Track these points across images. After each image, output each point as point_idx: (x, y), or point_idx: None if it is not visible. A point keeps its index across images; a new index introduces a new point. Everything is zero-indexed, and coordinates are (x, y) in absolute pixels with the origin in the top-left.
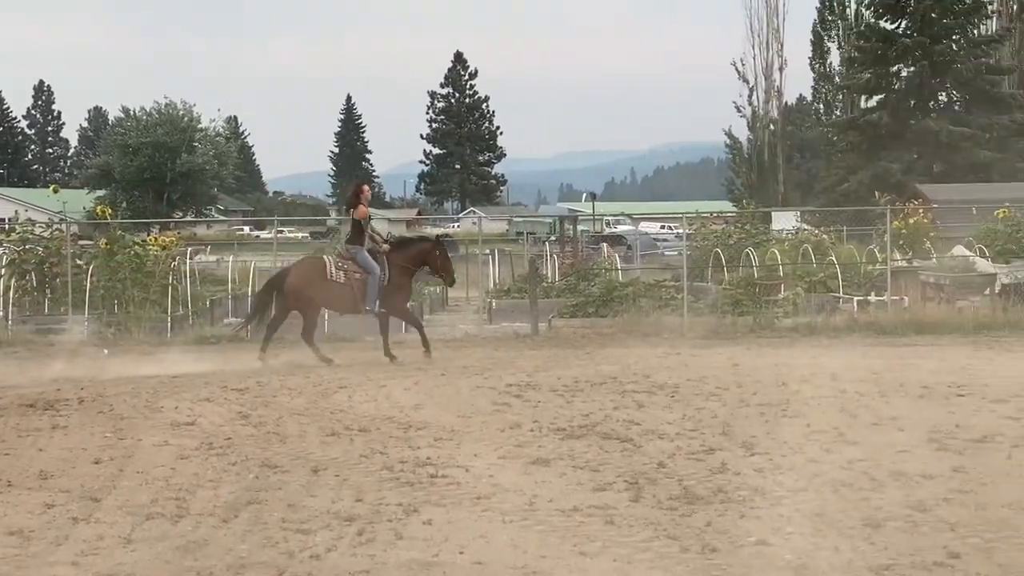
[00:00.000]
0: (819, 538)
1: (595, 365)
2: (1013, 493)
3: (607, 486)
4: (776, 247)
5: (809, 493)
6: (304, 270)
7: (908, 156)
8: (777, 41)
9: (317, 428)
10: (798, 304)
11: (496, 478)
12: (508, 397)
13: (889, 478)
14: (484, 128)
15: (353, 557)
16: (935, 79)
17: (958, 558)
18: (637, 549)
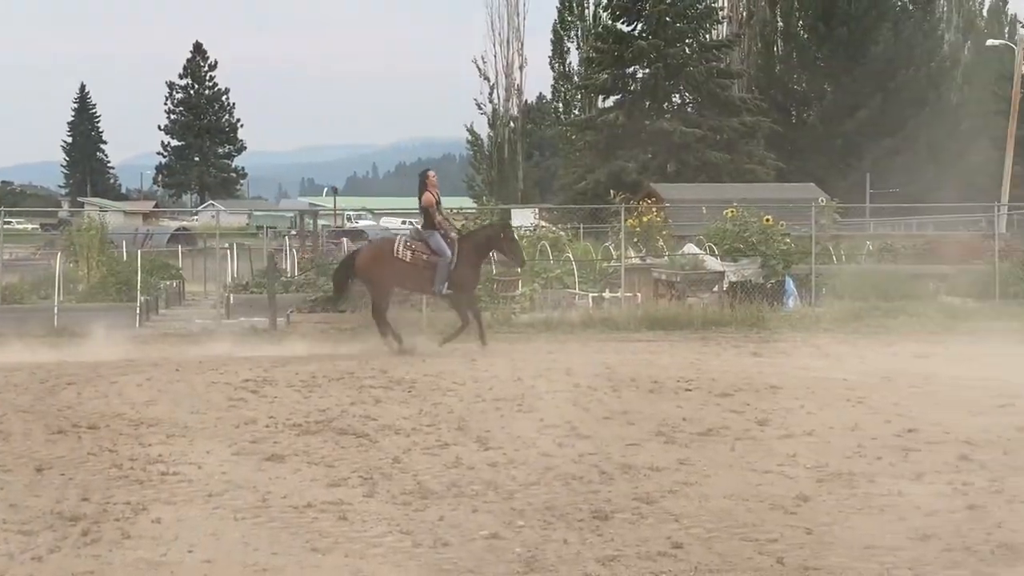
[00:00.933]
0: (549, 531)
1: (333, 360)
2: (734, 484)
3: (342, 482)
4: None
5: (541, 487)
6: (372, 249)
7: (643, 156)
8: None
9: (43, 426)
10: (535, 300)
11: (229, 475)
12: (244, 392)
13: (618, 471)
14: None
15: (77, 558)
16: (669, 81)
17: (681, 548)
18: (370, 544)
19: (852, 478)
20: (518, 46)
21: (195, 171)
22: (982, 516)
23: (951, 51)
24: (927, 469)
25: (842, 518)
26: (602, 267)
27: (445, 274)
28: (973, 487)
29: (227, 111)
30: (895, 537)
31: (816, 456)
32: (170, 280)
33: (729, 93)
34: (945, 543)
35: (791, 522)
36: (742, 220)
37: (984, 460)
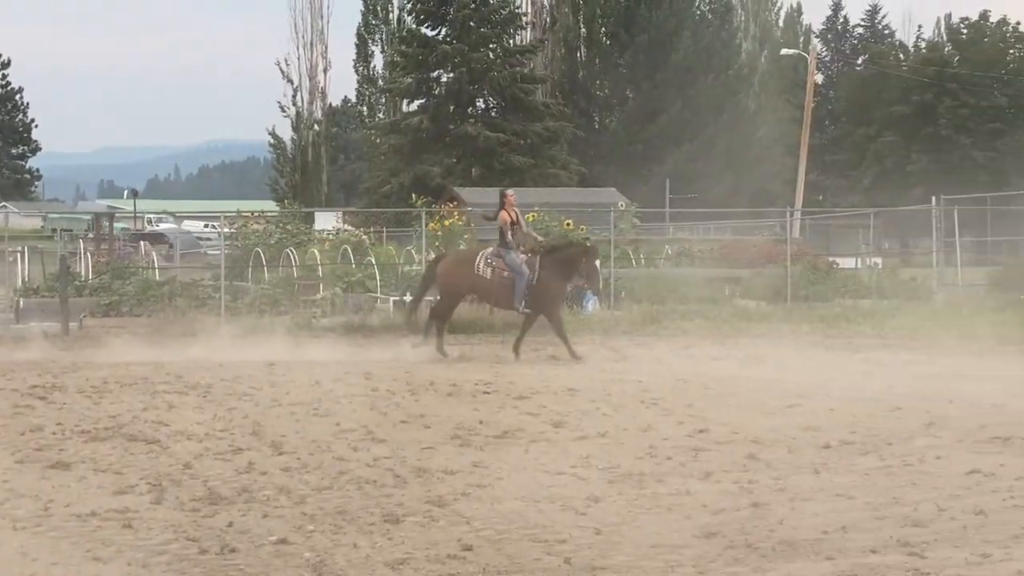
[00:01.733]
0: (340, 535)
1: (126, 365)
2: (527, 486)
3: (129, 489)
4: (317, 247)
5: (333, 491)
6: (454, 259)
7: (448, 160)
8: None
9: None
10: (336, 304)
11: (11, 483)
12: (31, 399)
13: (412, 474)
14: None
15: None
16: (473, 86)
17: (471, 550)
18: (154, 552)
19: (642, 478)
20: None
21: None
22: (765, 514)
23: (748, 59)
24: (715, 468)
25: (630, 517)
26: (404, 271)
27: (523, 292)
28: (758, 485)
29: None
30: (681, 535)
31: (609, 457)
32: None
33: (533, 98)
34: (729, 540)
35: (581, 523)
36: (543, 224)
37: (770, 459)
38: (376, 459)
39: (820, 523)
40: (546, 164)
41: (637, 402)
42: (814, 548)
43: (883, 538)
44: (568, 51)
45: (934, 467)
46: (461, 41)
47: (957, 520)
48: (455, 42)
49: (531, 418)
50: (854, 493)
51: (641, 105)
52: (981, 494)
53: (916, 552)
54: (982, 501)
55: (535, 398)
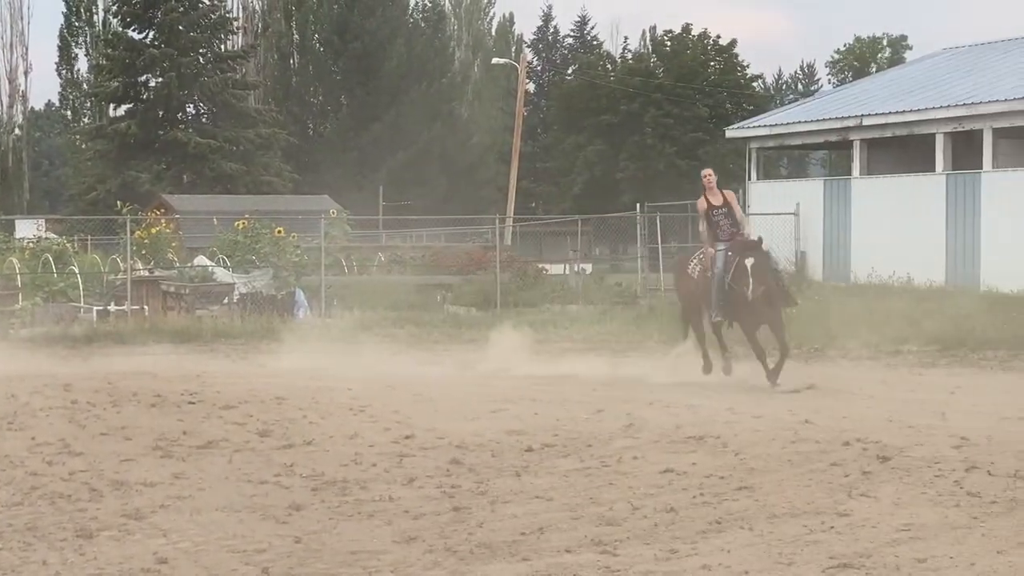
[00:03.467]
0: (29, 552)
1: None
2: (228, 496)
3: None
4: (17, 256)
5: (24, 507)
6: (682, 258)
7: (157, 166)
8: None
9: None
10: (36, 314)
11: None
12: None
13: (109, 487)
14: None
15: None
16: (183, 91)
17: (166, 563)
18: None
19: (346, 485)
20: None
21: None
22: (465, 517)
23: (462, 68)
24: (419, 474)
25: (332, 525)
26: (109, 280)
27: (715, 296)
28: (460, 489)
29: None
30: (381, 541)
31: (313, 465)
32: None
33: (245, 104)
34: (428, 544)
35: (281, 531)
36: (254, 232)
37: (473, 463)
38: (72, 473)
39: (519, 525)
40: (259, 171)
41: (345, 409)
42: (511, 549)
43: (578, 537)
44: (281, 57)
45: (630, 467)
46: (170, 45)
47: (649, 518)
48: (163, 46)
49: (237, 427)
50: (553, 495)
51: (355, 112)
52: (673, 492)
53: (608, 550)
54: (673, 499)
55: (242, 407)
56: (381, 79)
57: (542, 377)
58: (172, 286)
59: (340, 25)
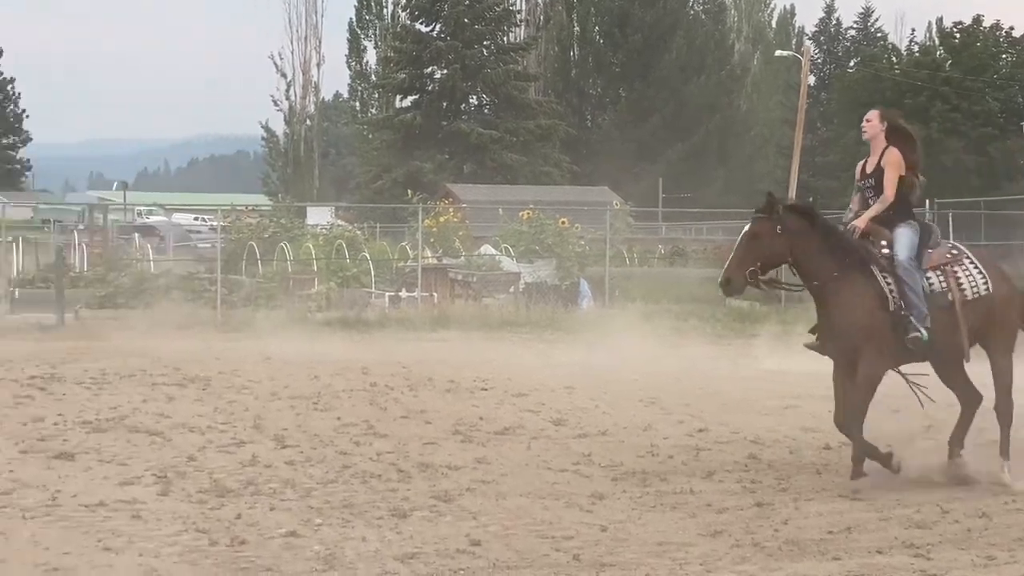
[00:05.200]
0: (348, 528)
1: (124, 357)
2: (530, 482)
3: (135, 480)
4: (311, 242)
5: (339, 485)
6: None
7: (440, 156)
8: (315, 37)
9: None
10: (331, 299)
11: (16, 473)
12: (31, 390)
13: (416, 469)
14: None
15: None
16: (467, 82)
17: (479, 545)
18: (164, 543)
19: (646, 476)
20: (316, 43)
21: None
22: (769, 513)
23: (741, 60)
24: (717, 468)
25: (636, 515)
26: (399, 267)
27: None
28: (761, 485)
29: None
30: (687, 533)
31: (611, 455)
32: None
33: (526, 96)
34: (735, 539)
35: (587, 520)
36: (538, 222)
37: (771, 459)
38: (379, 453)
39: (824, 523)
40: (539, 162)
41: (635, 401)
42: (820, 548)
43: (888, 538)
44: (561, 49)
45: None
46: (455, 38)
47: (960, 523)
48: (449, 39)
49: (531, 415)
50: (857, 494)
51: (633, 104)
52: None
53: (921, 554)
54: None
55: (533, 395)
56: (660, 71)
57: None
58: (460, 274)
59: (621, 17)
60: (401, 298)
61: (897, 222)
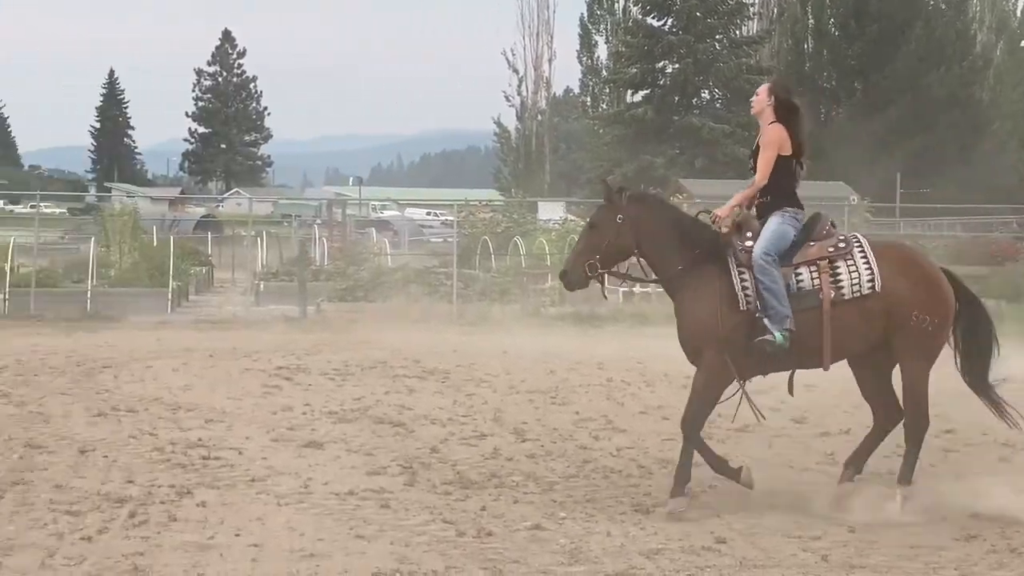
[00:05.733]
0: (592, 523)
1: (365, 349)
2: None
3: (381, 470)
4: (544, 236)
5: (580, 479)
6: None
7: (671, 151)
8: (547, 32)
9: (83, 408)
10: (564, 293)
11: (270, 460)
12: (278, 380)
13: (656, 465)
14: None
15: (126, 539)
16: (699, 77)
17: (724, 543)
18: (413, 532)
19: (890, 477)
20: (547, 39)
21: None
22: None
23: (983, 51)
24: (966, 470)
25: None
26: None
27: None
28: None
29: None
30: (940, 537)
31: None
32: (199, 267)
33: None
34: (991, 544)
35: (833, 520)
36: None
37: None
38: (619, 449)
39: None
40: None
41: None
42: None
43: None
44: (795, 42)
45: None
46: (687, 32)
47: None
48: (681, 33)
49: (771, 412)
50: None
51: (869, 97)
52: None
53: None
54: None
55: (772, 392)
56: (898, 63)
57: None
58: None
59: (857, 9)
60: (635, 293)
61: (772, 211)
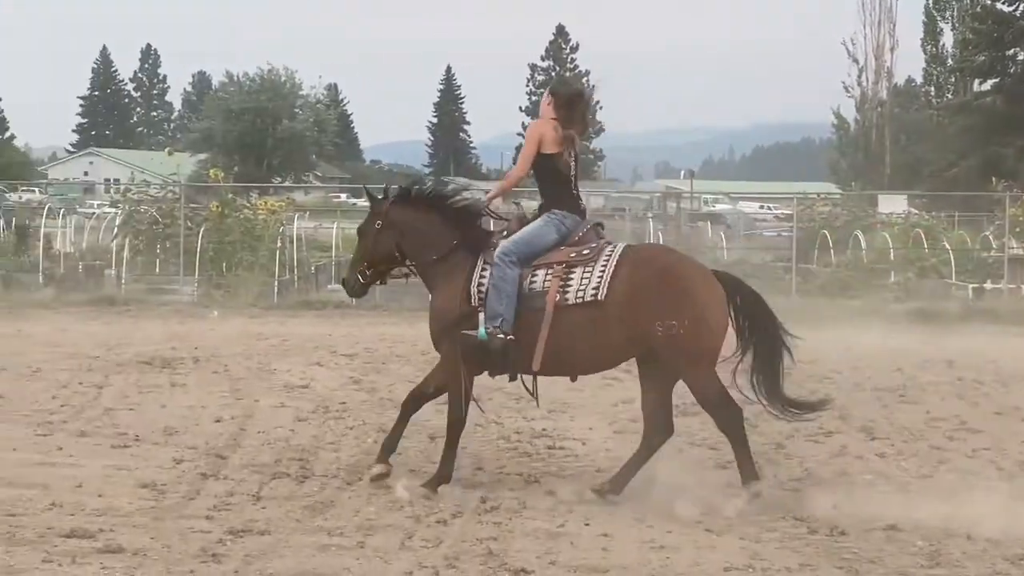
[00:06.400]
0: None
1: None
2: None
3: (728, 464)
4: (886, 231)
5: (934, 479)
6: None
7: (1021, 142)
8: (889, 21)
9: None
10: (909, 289)
11: (614, 451)
12: (617, 372)
13: (1018, 468)
14: None
15: (479, 524)
16: None
17: None
18: (764, 528)
19: None
20: (890, 27)
21: None
22: None
23: None
24: None
25: None
26: (981, 257)
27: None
28: None
29: None
30: None
31: None
32: None
33: None
34: None
35: None
36: None
37: None
38: (975, 450)
39: None
40: None
41: None
42: None
43: None
44: None
45: None
46: None
47: None
48: None
49: None
50: None
51: None
52: None
53: None
54: None
55: None
56: None
57: None
58: None
59: None
60: (985, 290)
61: (542, 211)
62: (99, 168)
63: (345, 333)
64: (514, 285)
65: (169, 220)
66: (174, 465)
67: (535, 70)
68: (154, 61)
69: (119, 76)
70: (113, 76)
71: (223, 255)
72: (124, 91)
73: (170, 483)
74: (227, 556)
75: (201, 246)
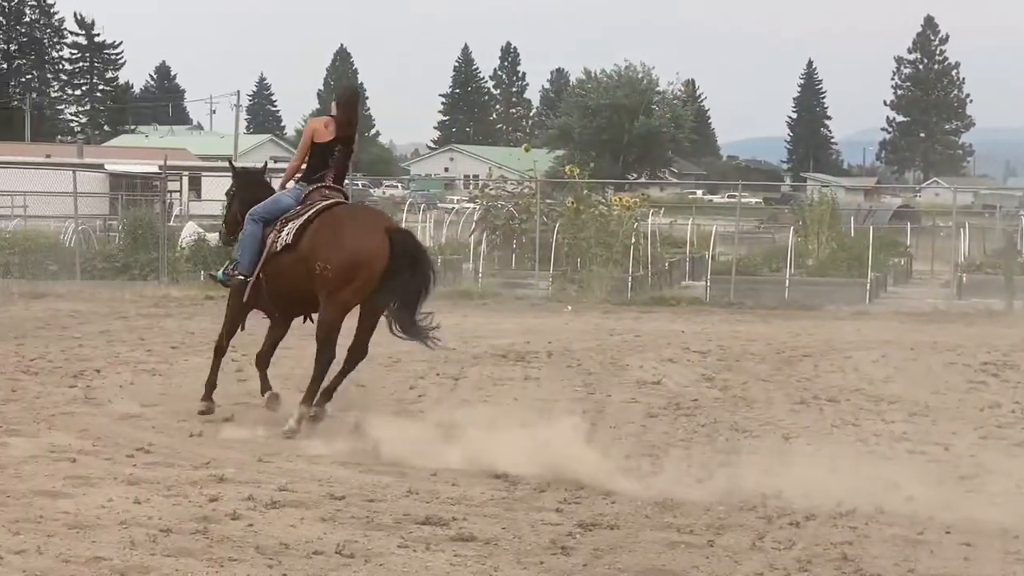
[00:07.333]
0: None
1: None
2: None
3: None
4: None
5: None
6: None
7: None
8: None
9: (783, 395)
10: None
11: (978, 458)
12: (984, 376)
13: None
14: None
15: (834, 528)
16: None
17: None
18: None
19: None
20: None
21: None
22: None
23: None
24: None
25: None
26: None
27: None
28: None
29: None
30: None
31: None
32: (897, 258)
33: None
34: None
35: None
36: None
37: None
38: None
39: None
40: None
41: None
42: None
43: None
44: None
45: None
46: None
47: None
48: None
49: None
50: None
51: None
52: None
53: None
54: None
55: None
56: None
57: None
58: None
59: None
60: None
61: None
62: (459, 164)
63: (698, 330)
64: (254, 238)
65: (525, 216)
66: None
67: (901, 63)
68: (513, 59)
69: (480, 74)
70: (474, 74)
71: (577, 251)
72: (484, 89)
73: (521, 475)
74: (576, 549)
75: (556, 242)
